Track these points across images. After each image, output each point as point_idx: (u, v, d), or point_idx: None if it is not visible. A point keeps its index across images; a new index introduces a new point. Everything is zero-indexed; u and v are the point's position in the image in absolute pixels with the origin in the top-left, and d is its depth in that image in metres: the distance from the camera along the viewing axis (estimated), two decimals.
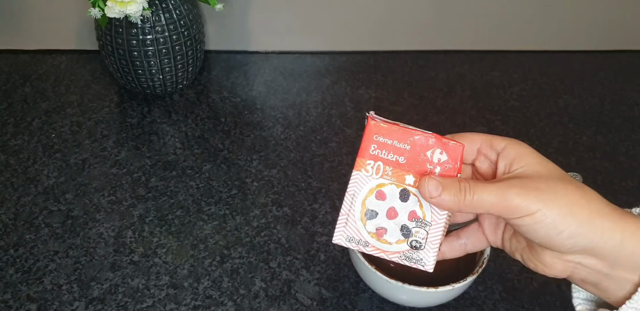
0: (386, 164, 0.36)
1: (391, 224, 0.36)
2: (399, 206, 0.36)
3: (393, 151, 0.36)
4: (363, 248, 0.36)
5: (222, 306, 0.49)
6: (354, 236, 0.37)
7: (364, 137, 0.37)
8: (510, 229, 0.36)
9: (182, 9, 0.65)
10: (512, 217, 0.31)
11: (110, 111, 0.69)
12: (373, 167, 0.36)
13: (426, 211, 0.35)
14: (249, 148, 0.65)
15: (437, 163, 0.35)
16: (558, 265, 0.33)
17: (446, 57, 0.84)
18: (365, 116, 0.38)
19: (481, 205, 0.32)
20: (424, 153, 0.35)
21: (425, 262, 0.37)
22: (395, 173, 0.36)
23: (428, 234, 0.36)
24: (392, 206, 0.36)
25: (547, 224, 0.30)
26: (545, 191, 0.31)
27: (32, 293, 0.49)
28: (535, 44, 0.85)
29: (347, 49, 0.83)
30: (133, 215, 0.56)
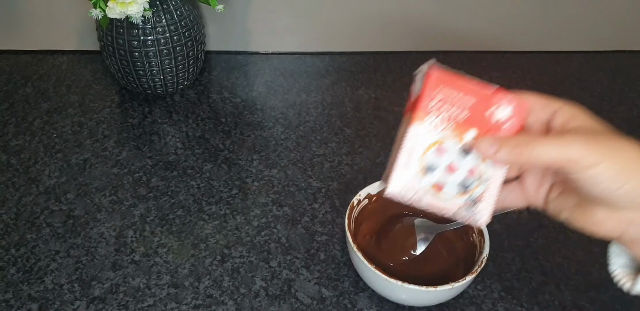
0: (448, 119, 0.35)
1: (450, 179, 0.35)
2: (459, 162, 0.35)
3: (456, 105, 0.34)
4: (416, 202, 0.35)
5: (223, 305, 0.49)
6: (410, 190, 0.35)
7: (425, 89, 0.35)
8: (557, 188, 0.36)
9: (182, 10, 0.65)
10: (573, 170, 0.31)
11: (111, 111, 0.70)
12: (434, 122, 0.35)
13: (486, 166, 0.35)
14: (249, 148, 0.65)
15: (500, 118, 0.34)
16: (610, 222, 0.32)
17: (445, 57, 0.84)
18: (419, 71, 0.36)
19: (541, 160, 0.31)
20: (487, 108, 0.34)
21: (480, 217, 0.36)
22: (457, 128, 0.35)
23: (486, 189, 0.35)
24: (452, 161, 0.35)
25: (609, 177, 0.30)
26: (608, 145, 0.31)
27: (33, 293, 0.49)
28: (534, 45, 0.85)
29: (347, 50, 0.83)
30: (134, 215, 0.56)
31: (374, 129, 0.70)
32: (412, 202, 0.35)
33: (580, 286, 0.52)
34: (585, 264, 0.54)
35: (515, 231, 0.57)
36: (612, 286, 0.52)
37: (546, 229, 0.58)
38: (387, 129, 0.70)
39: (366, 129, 0.69)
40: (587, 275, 0.53)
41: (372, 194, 0.53)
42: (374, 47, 0.83)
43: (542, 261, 0.54)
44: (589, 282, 0.53)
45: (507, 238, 0.56)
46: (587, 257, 0.55)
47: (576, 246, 0.56)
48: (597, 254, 0.55)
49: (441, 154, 0.35)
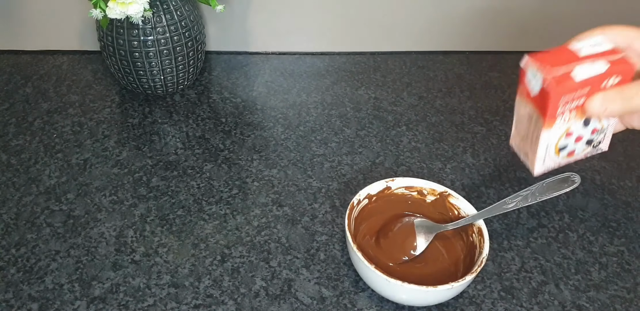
0: (570, 111, 0.40)
1: (579, 144, 0.43)
2: (583, 131, 0.42)
3: (576, 98, 0.39)
4: (556, 166, 0.45)
5: (223, 305, 0.49)
6: (550, 166, 0.45)
7: (549, 104, 0.39)
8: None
9: (183, 10, 0.65)
10: None
11: (111, 111, 0.70)
12: (561, 120, 0.41)
13: (604, 121, 0.42)
14: (249, 148, 0.66)
15: (612, 84, 0.39)
16: None
17: (445, 57, 0.84)
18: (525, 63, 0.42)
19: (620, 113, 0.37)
20: (601, 85, 0.39)
21: (602, 147, 0.45)
22: (578, 112, 0.40)
23: (605, 134, 0.43)
24: (578, 134, 0.42)
25: None
26: None
27: (33, 293, 0.49)
28: (533, 45, 0.85)
29: (347, 50, 0.83)
30: (134, 215, 0.57)
31: (374, 129, 0.70)
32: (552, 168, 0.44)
33: (580, 286, 0.52)
34: (585, 264, 0.54)
35: (515, 231, 0.57)
36: (612, 286, 0.52)
37: (546, 229, 0.58)
38: (387, 129, 0.70)
39: (366, 129, 0.69)
40: (587, 274, 0.53)
41: (372, 194, 0.53)
42: (374, 47, 0.84)
43: (542, 261, 0.54)
44: (589, 282, 0.53)
45: (507, 238, 0.56)
46: (587, 257, 0.55)
47: (576, 246, 0.56)
48: (597, 254, 0.55)
49: (570, 136, 0.42)
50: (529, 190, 0.49)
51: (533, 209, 0.60)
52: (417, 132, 0.69)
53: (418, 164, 0.65)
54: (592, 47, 0.40)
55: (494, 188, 0.62)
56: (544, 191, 0.48)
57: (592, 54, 0.39)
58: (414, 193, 0.55)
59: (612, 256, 0.55)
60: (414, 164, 0.65)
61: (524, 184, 0.62)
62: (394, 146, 0.67)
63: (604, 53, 0.39)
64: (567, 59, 0.39)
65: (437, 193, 0.54)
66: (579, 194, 0.62)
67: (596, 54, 0.39)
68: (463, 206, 0.52)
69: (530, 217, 0.59)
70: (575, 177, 0.47)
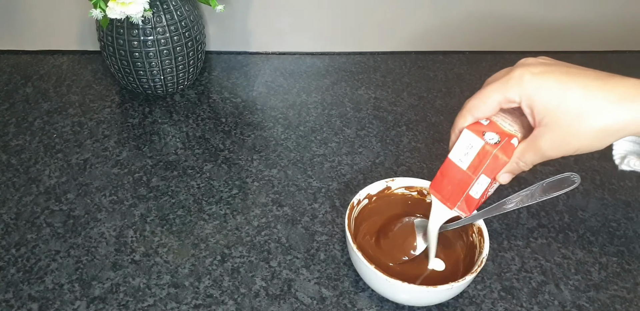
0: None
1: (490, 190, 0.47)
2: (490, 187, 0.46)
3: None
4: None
5: (223, 305, 0.49)
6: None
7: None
8: None
9: (183, 10, 0.65)
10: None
11: (111, 111, 0.70)
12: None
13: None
14: (249, 148, 0.66)
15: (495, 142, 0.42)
16: None
17: (445, 58, 0.84)
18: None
19: (534, 162, 0.41)
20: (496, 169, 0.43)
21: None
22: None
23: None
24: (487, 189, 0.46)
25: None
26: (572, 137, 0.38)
27: (33, 293, 0.49)
28: (533, 45, 0.85)
29: (347, 50, 0.83)
30: (134, 215, 0.57)
31: (373, 129, 0.70)
32: None
33: (580, 286, 0.52)
34: (585, 264, 0.54)
35: (515, 231, 0.57)
36: (612, 286, 0.52)
37: (546, 229, 0.58)
38: (387, 129, 0.70)
39: (366, 129, 0.69)
40: (587, 274, 0.53)
41: (372, 194, 0.53)
42: (374, 47, 0.84)
43: (542, 261, 0.54)
44: (589, 282, 0.53)
45: (507, 238, 0.56)
46: (587, 257, 0.55)
47: (576, 246, 0.56)
48: (597, 254, 0.55)
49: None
50: (529, 190, 0.49)
51: (533, 209, 0.60)
52: (417, 132, 0.69)
53: (418, 164, 0.65)
54: (465, 155, 0.43)
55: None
56: (544, 191, 0.48)
57: (471, 164, 0.42)
58: (414, 193, 0.55)
59: (612, 256, 0.55)
60: (414, 164, 0.65)
61: (524, 184, 0.62)
62: (394, 146, 0.67)
63: (479, 154, 0.42)
64: (459, 187, 0.44)
65: None
66: (579, 194, 0.62)
67: (472, 161, 0.42)
68: None
69: (530, 217, 0.59)
70: (575, 177, 0.47)
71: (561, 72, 0.38)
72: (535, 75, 0.38)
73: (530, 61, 0.41)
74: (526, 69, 0.39)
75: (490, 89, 0.40)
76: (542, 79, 0.38)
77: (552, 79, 0.38)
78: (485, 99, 0.41)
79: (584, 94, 0.37)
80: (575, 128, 0.38)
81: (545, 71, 0.39)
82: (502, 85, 0.39)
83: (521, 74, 0.39)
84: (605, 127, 0.37)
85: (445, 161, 0.45)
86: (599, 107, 0.37)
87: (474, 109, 0.41)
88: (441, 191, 0.46)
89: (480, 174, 0.42)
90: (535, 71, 0.39)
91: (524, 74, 0.39)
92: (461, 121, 0.42)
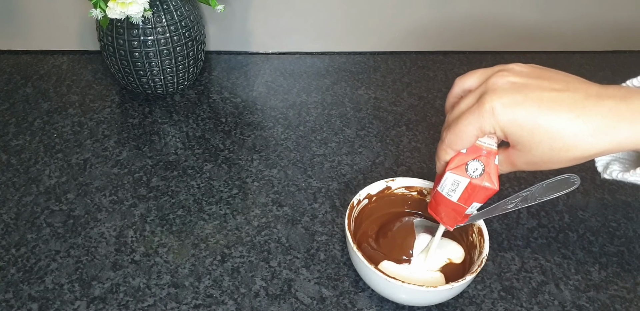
0: None
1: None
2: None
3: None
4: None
5: (223, 305, 0.49)
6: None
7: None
8: None
9: (183, 10, 0.65)
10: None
11: (111, 111, 0.70)
12: None
13: None
14: (249, 148, 0.66)
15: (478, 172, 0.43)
16: None
17: (445, 58, 0.84)
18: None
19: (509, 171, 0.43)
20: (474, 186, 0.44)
21: None
22: None
23: None
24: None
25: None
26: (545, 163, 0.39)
27: (33, 293, 0.49)
28: (533, 45, 0.85)
29: (347, 50, 0.83)
30: (134, 215, 0.57)
31: (373, 129, 0.70)
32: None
33: (580, 286, 0.52)
34: (585, 264, 0.54)
35: (515, 231, 0.57)
36: (612, 286, 0.52)
37: (546, 229, 0.58)
38: (387, 129, 0.70)
39: (366, 129, 0.69)
40: (587, 274, 0.53)
41: (372, 194, 0.53)
42: (374, 47, 0.84)
43: (542, 261, 0.54)
44: (589, 282, 0.53)
45: (507, 238, 0.56)
46: (587, 257, 0.55)
47: (576, 246, 0.56)
48: (597, 254, 0.55)
49: None
50: (529, 191, 0.49)
51: (533, 209, 0.60)
52: (417, 132, 0.69)
53: (418, 164, 0.65)
54: (454, 191, 0.43)
55: None
56: (544, 192, 0.48)
57: (461, 197, 0.43)
58: (414, 193, 0.55)
59: (612, 256, 0.55)
60: (414, 164, 0.65)
61: (524, 184, 0.62)
62: (394, 146, 0.67)
63: (467, 189, 0.43)
64: (454, 212, 0.45)
65: None
66: (579, 194, 0.62)
67: (462, 194, 0.43)
68: None
69: (530, 217, 0.59)
70: (575, 178, 0.47)
71: (532, 102, 0.37)
72: (506, 107, 0.37)
73: (501, 84, 0.39)
74: (497, 99, 0.38)
75: (464, 123, 0.40)
76: (512, 112, 0.37)
77: (522, 113, 0.37)
78: (462, 135, 0.40)
79: (556, 130, 0.36)
80: (548, 158, 0.38)
81: (515, 101, 0.37)
82: (476, 119, 0.39)
83: (492, 106, 0.38)
84: (575, 159, 0.38)
85: (436, 192, 0.45)
86: (571, 143, 0.37)
87: (453, 144, 0.42)
88: (439, 214, 0.47)
89: (472, 203, 0.44)
90: (505, 102, 0.37)
91: (495, 107, 0.38)
92: (443, 154, 0.43)
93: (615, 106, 0.36)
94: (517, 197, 0.49)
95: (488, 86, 0.39)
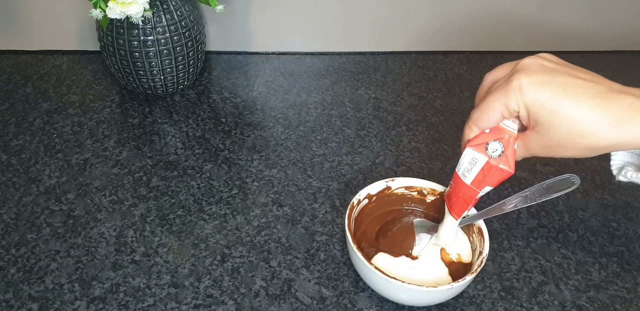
0: None
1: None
2: None
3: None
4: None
5: (223, 305, 0.49)
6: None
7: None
8: None
9: (183, 10, 0.65)
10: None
11: (111, 111, 0.70)
12: None
13: None
14: (249, 148, 0.66)
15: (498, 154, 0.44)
16: None
17: (445, 58, 0.84)
18: None
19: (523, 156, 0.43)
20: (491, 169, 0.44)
21: None
22: None
23: None
24: None
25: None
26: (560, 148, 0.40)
27: (33, 293, 0.49)
28: (533, 45, 0.85)
29: (347, 50, 0.83)
30: (134, 215, 0.57)
31: (373, 129, 0.70)
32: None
33: (580, 286, 0.52)
34: (585, 264, 0.54)
35: (515, 231, 0.57)
36: (612, 286, 0.52)
37: (546, 229, 0.58)
38: (387, 129, 0.70)
39: (366, 129, 0.69)
40: (587, 274, 0.53)
41: (372, 194, 0.53)
42: (374, 47, 0.84)
43: (542, 261, 0.54)
44: (589, 282, 0.53)
45: (507, 238, 0.56)
46: (587, 257, 0.55)
47: (576, 246, 0.56)
48: (597, 254, 0.55)
49: None
50: (529, 191, 0.49)
51: (533, 209, 0.60)
52: (417, 132, 0.69)
53: (418, 164, 0.65)
54: (469, 171, 0.44)
55: (493, 188, 0.62)
56: (544, 192, 0.48)
57: (475, 179, 0.44)
58: (414, 193, 0.55)
59: (612, 256, 0.55)
60: (414, 164, 0.65)
61: (524, 184, 0.62)
62: (394, 146, 0.67)
63: (483, 169, 0.43)
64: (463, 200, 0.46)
65: (437, 193, 0.54)
66: (579, 194, 0.62)
67: (476, 176, 0.44)
68: None
69: (530, 217, 0.59)
70: (575, 179, 0.47)
71: (559, 85, 0.39)
72: (532, 85, 0.39)
73: (530, 65, 0.41)
74: (525, 78, 0.39)
75: (492, 99, 0.41)
76: (538, 91, 0.39)
77: (547, 93, 0.38)
78: (487, 111, 0.42)
79: (577, 115, 0.38)
80: (564, 142, 0.39)
81: (542, 81, 0.39)
82: (503, 95, 0.40)
83: (519, 84, 0.39)
84: (590, 147, 0.39)
85: (454, 175, 0.46)
86: (589, 130, 0.38)
87: (480, 121, 0.43)
88: (449, 201, 0.48)
89: (484, 186, 0.44)
90: (533, 81, 0.39)
91: (522, 84, 0.39)
92: (467, 132, 0.44)
93: (635, 102, 0.38)
94: (517, 197, 0.49)
95: (518, 67, 0.41)
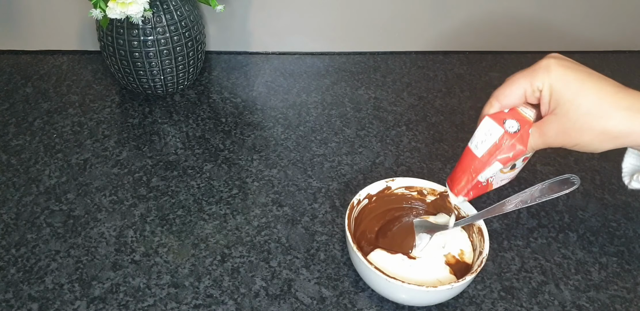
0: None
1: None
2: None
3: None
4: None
5: (223, 305, 0.49)
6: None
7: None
8: None
9: (183, 10, 0.65)
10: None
11: (111, 111, 0.70)
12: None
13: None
14: (249, 148, 0.66)
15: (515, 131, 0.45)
16: None
17: (445, 58, 0.84)
18: None
19: (537, 146, 0.44)
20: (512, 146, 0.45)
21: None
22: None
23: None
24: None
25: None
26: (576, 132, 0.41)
27: (33, 293, 0.49)
28: (533, 45, 0.85)
29: (347, 50, 0.83)
30: (134, 215, 0.57)
31: (373, 129, 0.70)
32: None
33: (580, 286, 0.52)
34: (585, 264, 0.54)
35: (515, 231, 0.57)
36: (612, 286, 0.52)
37: (546, 229, 0.58)
38: (387, 129, 0.70)
39: (366, 129, 0.69)
40: (587, 274, 0.53)
41: (372, 194, 0.53)
42: (374, 47, 0.84)
43: (542, 261, 0.54)
44: (589, 282, 0.53)
45: (507, 238, 0.56)
46: (587, 257, 0.55)
47: (576, 246, 0.56)
48: (597, 254, 0.55)
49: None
50: (529, 191, 0.49)
51: (533, 209, 0.60)
52: (417, 132, 0.69)
53: (418, 164, 0.65)
54: (482, 142, 0.45)
55: (493, 189, 0.62)
56: (544, 193, 0.48)
57: (487, 151, 0.45)
58: (414, 193, 0.55)
59: (612, 256, 0.55)
60: (414, 164, 0.65)
61: (524, 184, 0.62)
62: (394, 146, 0.67)
63: (497, 142, 0.44)
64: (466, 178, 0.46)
65: (437, 193, 0.54)
66: (579, 194, 0.62)
67: (489, 148, 0.45)
68: (463, 206, 0.52)
69: (530, 217, 0.59)
70: (575, 179, 0.47)
71: (583, 72, 0.42)
72: (559, 66, 0.42)
73: (558, 55, 0.44)
74: (554, 60, 0.42)
75: (518, 76, 0.44)
76: (565, 71, 0.42)
77: (572, 75, 0.41)
78: (510, 86, 0.44)
79: (597, 96, 0.40)
80: (580, 124, 0.41)
81: (569, 66, 0.42)
82: (530, 72, 0.43)
83: (548, 63, 0.42)
84: (606, 131, 0.40)
85: (465, 149, 0.47)
86: (606, 111, 0.40)
87: (502, 96, 0.45)
88: (453, 179, 0.48)
89: (494, 161, 0.44)
90: (561, 64, 0.42)
91: (551, 64, 0.42)
92: (487, 107, 0.46)
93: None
94: (517, 197, 0.49)
95: (546, 56, 0.44)
